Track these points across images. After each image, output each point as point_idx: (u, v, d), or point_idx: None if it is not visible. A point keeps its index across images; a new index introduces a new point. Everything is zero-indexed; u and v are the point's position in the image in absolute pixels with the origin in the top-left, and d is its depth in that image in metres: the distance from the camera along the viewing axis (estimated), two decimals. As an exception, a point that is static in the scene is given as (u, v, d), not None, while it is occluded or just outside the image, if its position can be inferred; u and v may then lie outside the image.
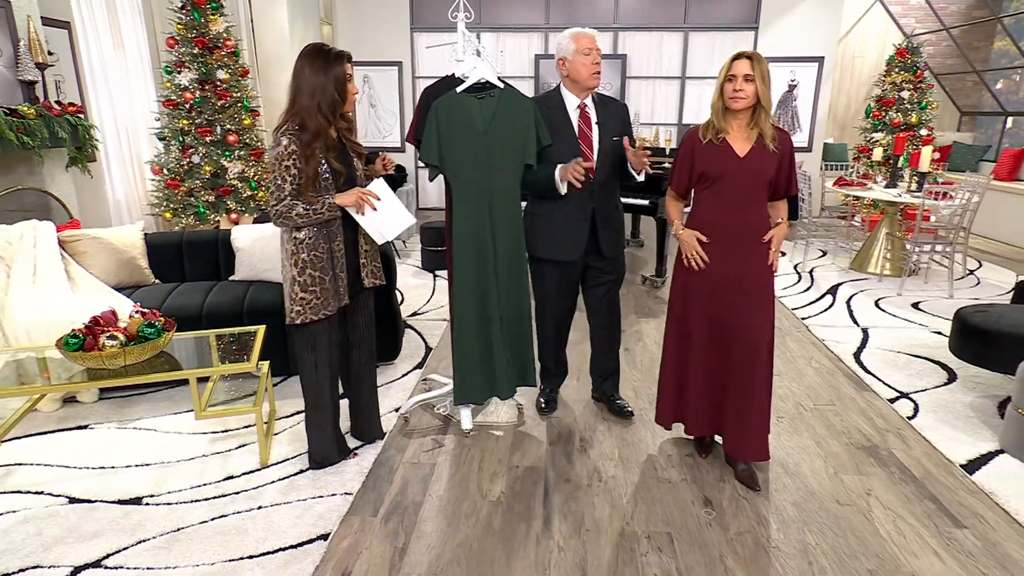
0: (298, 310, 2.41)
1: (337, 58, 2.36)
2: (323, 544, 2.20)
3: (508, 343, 2.88)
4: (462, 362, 2.87)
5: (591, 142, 2.79)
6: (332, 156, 2.40)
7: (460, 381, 2.89)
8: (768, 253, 2.46)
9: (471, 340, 2.84)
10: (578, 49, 2.70)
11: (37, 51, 4.48)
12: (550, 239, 2.87)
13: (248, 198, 5.54)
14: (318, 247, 2.41)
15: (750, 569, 2.11)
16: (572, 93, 2.80)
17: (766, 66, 2.32)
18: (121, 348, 2.47)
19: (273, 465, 2.67)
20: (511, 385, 2.94)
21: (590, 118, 2.80)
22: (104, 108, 5.70)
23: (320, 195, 2.37)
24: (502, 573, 2.09)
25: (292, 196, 2.33)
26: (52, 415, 3.09)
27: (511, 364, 2.91)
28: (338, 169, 2.42)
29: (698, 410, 2.66)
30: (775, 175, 2.41)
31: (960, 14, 8.92)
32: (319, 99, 2.33)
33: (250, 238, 3.69)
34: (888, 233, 5.73)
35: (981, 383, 3.48)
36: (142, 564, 2.10)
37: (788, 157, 2.43)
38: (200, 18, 5.25)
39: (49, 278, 3.25)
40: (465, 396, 2.91)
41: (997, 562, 2.16)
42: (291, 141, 2.30)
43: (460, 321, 2.84)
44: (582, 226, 2.83)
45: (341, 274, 2.49)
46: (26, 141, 4.25)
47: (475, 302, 2.81)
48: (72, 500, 2.44)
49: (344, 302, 2.52)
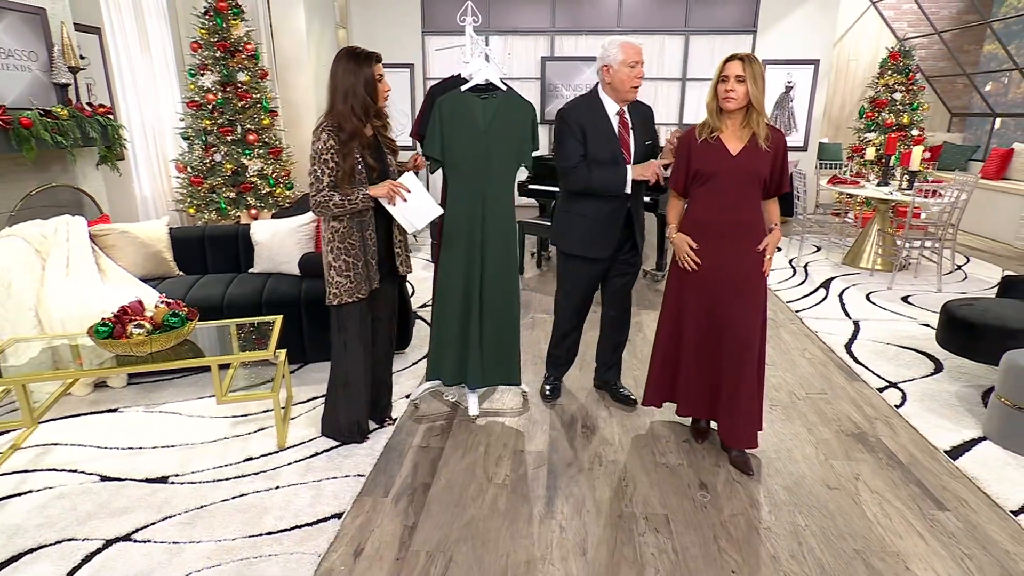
0: (335, 292, 2.50)
1: (367, 60, 2.39)
2: (337, 522, 2.22)
3: (489, 335, 2.89)
4: (438, 341, 2.93)
5: (629, 146, 2.77)
6: (368, 153, 2.46)
7: (434, 358, 2.96)
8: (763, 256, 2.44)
9: (450, 324, 2.87)
10: (624, 60, 2.64)
11: (70, 55, 4.50)
12: (584, 237, 2.84)
13: (267, 194, 5.57)
14: (352, 235, 2.48)
15: (743, 549, 2.12)
16: (612, 99, 2.74)
17: (759, 67, 2.30)
18: (148, 336, 2.49)
19: (290, 448, 2.69)
20: (484, 376, 2.93)
21: (628, 123, 2.77)
22: (132, 109, 5.73)
23: (355, 188, 2.41)
24: (507, 551, 2.10)
25: (330, 188, 2.38)
26: (84, 399, 3.12)
27: (489, 356, 2.91)
28: (372, 165, 2.47)
29: (689, 393, 2.65)
30: (768, 173, 2.39)
31: (951, 18, 8.82)
32: (352, 101, 2.36)
33: (268, 232, 3.71)
34: (880, 230, 5.69)
35: (966, 373, 3.47)
36: (168, 538, 2.13)
37: (781, 156, 2.40)
38: (222, 23, 5.26)
39: (81, 270, 3.28)
40: (436, 373, 2.96)
41: (978, 543, 2.16)
42: (330, 136, 2.36)
43: (441, 306, 2.88)
44: (616, 226, 2.82)
45: (372, 261, 2.55)
46: (59, 141, 4.29)
47: (458, 291, 2.83)
48: (103, 478, 2.48)
49: (375, 286, 2.57)
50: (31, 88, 4.36)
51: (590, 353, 3.33)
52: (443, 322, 2.89)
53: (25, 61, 4.34)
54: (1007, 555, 2.11)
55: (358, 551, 2.09)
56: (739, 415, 2.51)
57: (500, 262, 2.83)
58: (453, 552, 2.09)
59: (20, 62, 4.31)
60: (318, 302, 3.34)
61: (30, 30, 4.35)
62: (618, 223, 2.82)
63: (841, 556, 2.09)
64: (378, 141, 2.55)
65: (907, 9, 8.95)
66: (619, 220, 2.82)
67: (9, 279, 3.05)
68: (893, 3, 8.96)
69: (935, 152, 8.21)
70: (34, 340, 2.81)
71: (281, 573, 1.97)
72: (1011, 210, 6.96)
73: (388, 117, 2.63)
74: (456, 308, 2.85)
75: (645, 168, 2.67)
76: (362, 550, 2.10)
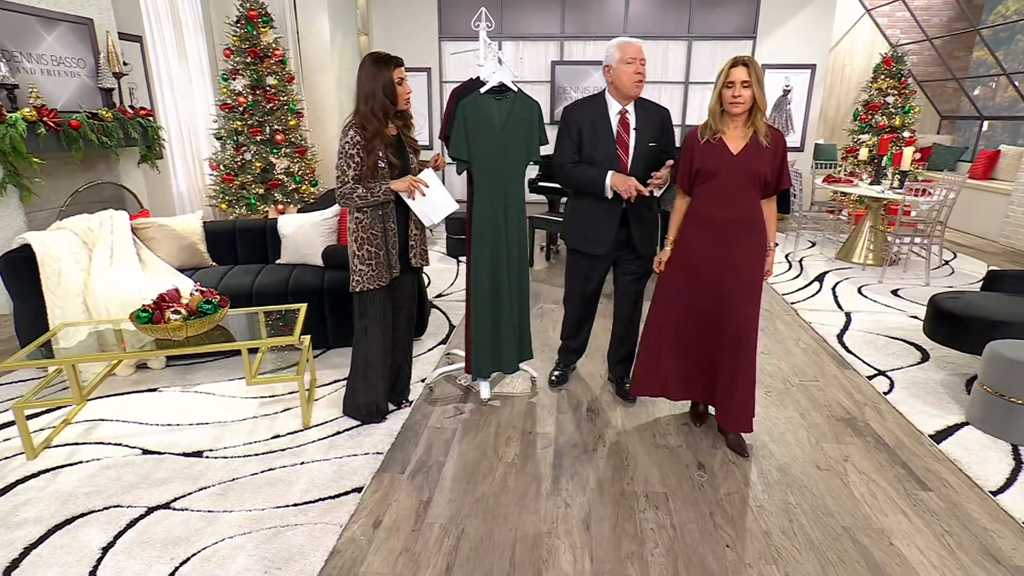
0: (357, 279, 2.52)
1: (386, 64, 2.40)
2: (357, 496, 2.24)
3: (515, 322, 2.89)
4: (477, 340, 2.88)
5: (627, 147, 2.68)
6: (390, 152, 2.47)
7: (475, 358, 2.90)
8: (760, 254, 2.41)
9: (485, 319, 2.85)
10: (623, 58, 2.58)
11: (114, 62, 4.54)
12: (583, 233, 2.81)
13: (293, 191, 5.59)
14: (374, 227, 2.50)
15: (737, 525, 2.12)
16: (615, 99, 2.67)
17: (760, 70, 2.28)
18: (184, 322, 2.52)
19: (314, 426, 2.71)
20: (515, 362, 2.97)
21: (629, 123, 2.67)
22: (169, 111, 5.78)
23: (378, 182, 2.44)
24: (515, 525, 2.12)
25: (354, 181, 2.40)
26: (127, 379, 3.16)
27: (516, 341, 2.93)
28: (394, 162, 2.48)
29: (686, 378, 2.63)
30: (768, 171, 2.35)
31: (942, 25, 8.65)
32: (372, 103, 2.38)
33: (294, 226, 3.73)
34: (872, 226, 5.62)
35: (951, 363, 3.43)
36: (203, 507, 2.17)
37: (781, 153, 2.36)
38: (253, 31, 5.27)
39: (124, 260, 3.32)
40: (479, 371, 2.93)
41: (958, 521, 2.15)
42: (356, 133, 2.38)
43: (476, 301, 2.84)
44: (612, 225, 2.73)
45: (393, 251, 2.56)
46: (104, 141, 4.34)
47: (489, 284, 2.82)
48: (145, 452, 2.52)
49: (395, 274, 2.58)
50: (79, 92, 4.41)
51: (597, 343, 3.32)
52: (479, 322, 2.85)
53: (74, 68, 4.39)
54: (985, 532, 2.09)
55: (377, 523, 2.12)
56: (736, 402, 2.50)
57: (520, 251, 2.84)
58: (465, 525, 2.11)
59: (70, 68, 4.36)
60: (340, 291, 3.36)
61: (79, 39, 4.40)
62: (612, 222, 2.73)
63: (829, 532, 2.08)
64: (401, 140, 2.55)
65: (900, 17, 8.79)
66: (614, 219, 2.73)
67: (59, 268, 3.09)
68: (887, 11, 8.80)
69: (925, 153, 8.08)
70: (81, 325, 2.86)
71: (306, 541, 2.00)
72: (997, 208, 6.85)
73: (411, 118, 2.62)
74: (487, 305, 2.83)
75: (624, 180, 2.57)
76: (381, 522, 2.12)
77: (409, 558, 1.95)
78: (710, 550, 2.00)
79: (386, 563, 1.93)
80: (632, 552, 1.98)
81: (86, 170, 4.54)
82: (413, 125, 2.63)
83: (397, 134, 2.54)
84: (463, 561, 1.94)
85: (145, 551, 1.96)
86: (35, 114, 3.83)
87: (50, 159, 4.11)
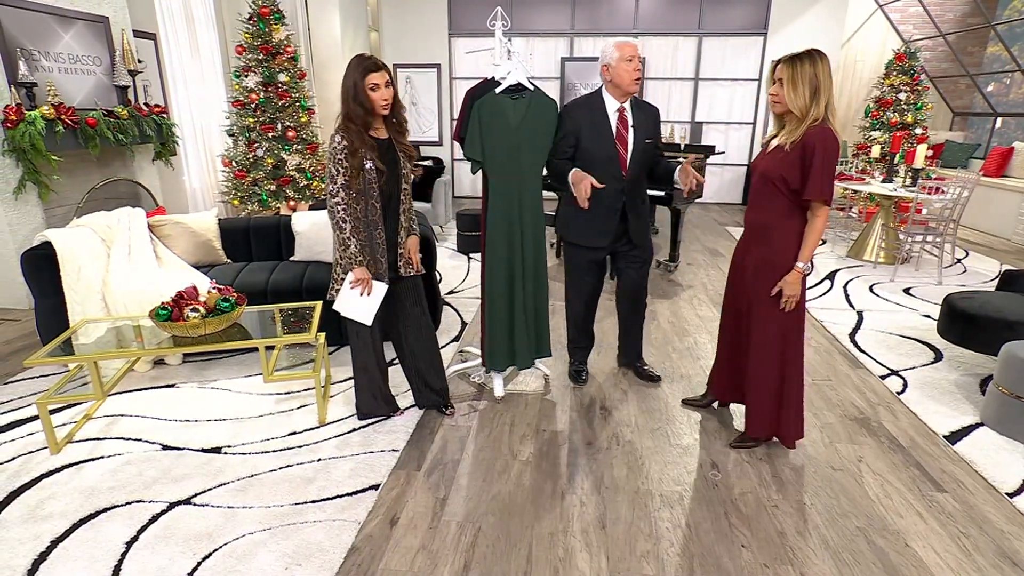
0: (338, 288, 2.48)
1: (359, 68, 2.29)
2: (374, 493, 2.26)
3: (531, 317, 2.90)
4: (491, 334, 2.90)
5: (627, 143, 2.77)
6: (375, 156, 2.37)
7: (489, 350, 2.93)
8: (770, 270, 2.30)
9: (501, 315, 2.86)
10: (621, 57, 2.66)
11: (129, 60, 4.56)
12: (583, 227, 2.87)
13: (304, 187, 5.61)
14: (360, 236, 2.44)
15: (751, 524, 2.12)
16: (613, 97, 2.76)
17: (798, 69, 2.11)
18: (202, 319, 2.54)
19: (330, 423, 2.73)
20: (530, 357, 2.97)
21: (627, 121, 2.77)
22: (183, 108, 5.81)
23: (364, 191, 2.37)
24: (530, 523, 2.13)
25: (343, 187, 2.35)
26: (145, 375, 3.19)
27: (531, 337, 2.94)
28: (381, 168, 2.39)
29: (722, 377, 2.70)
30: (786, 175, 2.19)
31: (955, 21, 8.54)
32: (347, 107, 2.34)
33: (308, 223, 3.74)
34: (883, 224, 5.58)
35: (965, 363, 3.41)
36: (223, 503, 2.19)
37: (810, 157, 2.13)
38: (265, 28, 5.28)
39: (141, 257, 3.35)
40: (493, 364, 2.95)
41: (974, 522, 2.14)
42: (343, 138, 2.34)
43: (492, 298, 2.85)
44: (613, 218, 2.83)
45: (381, 259, 2.49)
46: (120, 138, 4.36)
47: (505, 281, 2.82)
48: (165, 447, 2.54)
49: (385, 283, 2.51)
50: (96, 90, 4.43)
51: (607, 337, 3.33)
52: (494, 317, 2.86)
53: (91, 66, 4.42)
54: (1002, 534, 2.09)
55: (394, 520, 2.13)
56: (750, 405, 2.52)
57: (536, 248, 2.84)
58: (481, 523, 2.12)
59: (86, 66, 4.38)
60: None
61: (95, 37, 4.42)
62: (613, 217, 2.83)
63: (844, 533, 2.08)
64: (392, 145, 2.46)
65: (913, 12, 8.68)
66: (614, 214, 2.82)
67: (79, 264, 3.12)
68: (899, 6, 8.70)
69: (938, 150, 8.01)
70: (101, 321, 2.88)
71: (325, 538, 2.02)
72: (1010, 206, 6.78)
73: (405, 122, 2.50)
74: (503, 299, 2.84)
75: (581, 179, 2.60)
76: (398, 519, 2.14)
77: (427, 556, 1.97)
78: (725, 550, 2.00)
79: (404, 560, 1.94)
80: (648, 551, 1.99)
81: (102, 167, 4.57)
82: (407, 130, 2.53)
83: (389, 139, 2.45)
84: (480, 559, 1.95)
85: (168, 546, 1.98)
86: (53, 112, 3.86)
87: (67, 156, 4.14)
